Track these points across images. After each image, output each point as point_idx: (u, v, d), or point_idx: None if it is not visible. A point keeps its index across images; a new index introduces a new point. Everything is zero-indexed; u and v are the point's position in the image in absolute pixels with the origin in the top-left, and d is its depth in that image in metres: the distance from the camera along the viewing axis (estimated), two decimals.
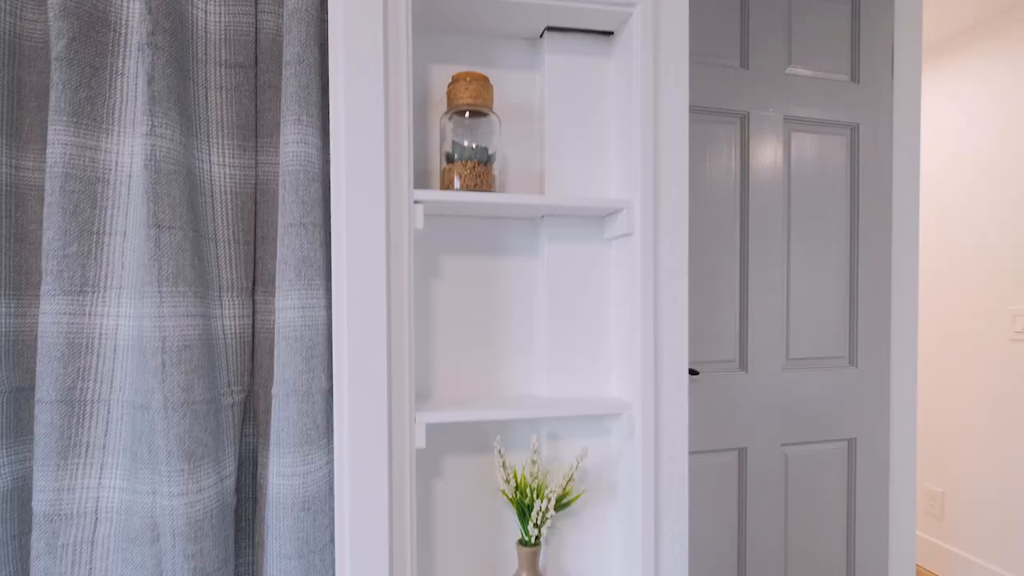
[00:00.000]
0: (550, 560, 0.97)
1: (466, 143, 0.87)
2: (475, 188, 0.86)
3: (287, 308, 0.89)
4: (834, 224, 1.57)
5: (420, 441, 0.82)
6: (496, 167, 0.90)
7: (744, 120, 1.50)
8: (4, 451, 0.90)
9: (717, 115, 1.46)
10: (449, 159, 0.88)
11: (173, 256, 0.84)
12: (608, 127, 0.97)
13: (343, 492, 0.83)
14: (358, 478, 0.82)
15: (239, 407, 0.96)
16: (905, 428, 1.64)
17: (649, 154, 0.87)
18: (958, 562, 2.20)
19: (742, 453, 1.54)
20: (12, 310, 0.92)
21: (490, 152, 0.89)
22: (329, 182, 0.89)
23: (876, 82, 1.59)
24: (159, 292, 0.83)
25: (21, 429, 0.93)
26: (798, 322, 1.56)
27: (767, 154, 1.50)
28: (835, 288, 1.58)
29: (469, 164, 0.86)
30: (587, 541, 0.97)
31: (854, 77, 1.59)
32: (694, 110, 1.44)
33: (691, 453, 1.47)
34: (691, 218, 1.41)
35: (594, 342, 0.98)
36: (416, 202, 0.82)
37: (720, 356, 1.51)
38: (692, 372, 1.44)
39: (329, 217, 0.90)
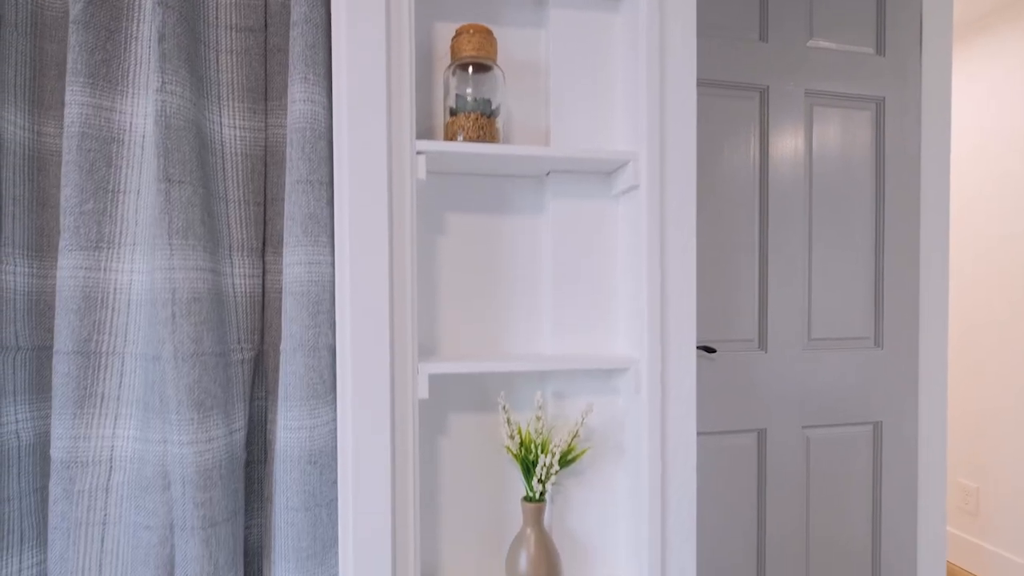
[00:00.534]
0: (555, 519, 0.96)
1: (469, 96, 0.86)
2: (478, 140, 0.86)
3: (294, 264, 0.90)
4: (859, 202, 1.51)
5: (423, 391, 0.82)
6: (500, 121, 0.90)
7: (764, 95, 1.47)
8: (27, 407, 0.93)
9: (735, 89, 1.43)
10: (453, 112, 0.88)
11: (183, 210, 0.86)
12: (614, 83, 0.96)
13: (346, 441, 0.84)
14: (361, 427, 0.82)
15: (249, 364, 0.97)
16: (934, 413, 1.57)
17: (656, 104, 0.86)
18: (993, 560, 2.11)
19: (761, 434, 1.49)
20: (34, 271, 0.95)
21: (494, 105, 0.88)
22: None
23: (903, 54, 1.54)
24: (169, 245, 0.85)
25: (43, 386, 0.96)
26: (820, 301, 1.51)
27: (788, 130, 1.46)
28: (859, 266, 1.52)
29: (472, 116, 0.86)
30: (593, 500, 0.96)
31: (879, 50, 1.53)
32: (711, 84, 1.40)
33: (708, 433, 1.44)
34: (709, 196, 1.38)
35: (601, 301, 0.97)
36: (418, 153, 0.82)
37: (738, 335, 1.47)
38: (709, 350, 1.40)
39: None
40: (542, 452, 0.86)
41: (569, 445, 0.89)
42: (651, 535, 0.87)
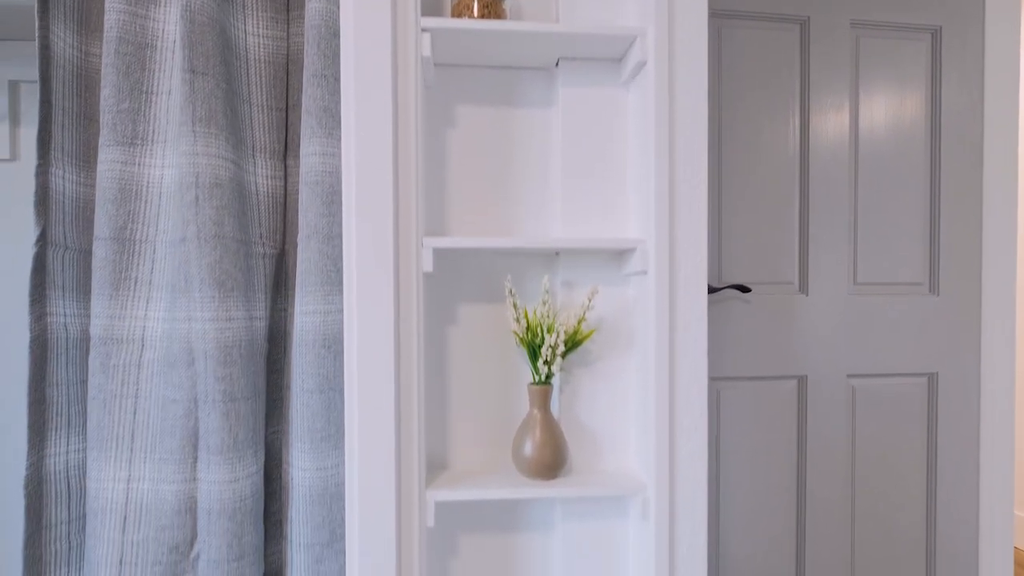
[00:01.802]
0: (564, 410, 0.95)
1: None
2: (485, 18, 0.86)
3: (309, 155, 0.93)
4: (910, 135, 1.40)
5: (427, 265, 0.84)
6: (507, 5, 0.90)
7: (804, 26, 1.39)
8: (75, 304, 1.01)
9: (773, 21, 1.34)
10: None
11: (205, 100, 0.91)
12: None
13: (351, 326, 0.85)
14: (364, 310, 0.84)
15: (271, 260, 1.02)
16: (999, 367, 1.43)
17: None
18: None
19: (801, 382, 1.40)
20: (81, 179, 1.02)
21: None
22: None
23: None
24: (193, 132, 0.90)
25: (89, 287, 1.03)
26: (868, 242, 1.40)
27: (830, 63, 1.38)
28: (912, 203, 1.41)
29: None
30: (602, 390, 0.95)
31: None
32: (743, 16, 1.33)
33: (741, 378, 1.37)
34: (744, 127, 1.32)
35: (611, 191, 0.95)
36: (424, 30, 0.84)
37: (775, 277, 1.38)
38: (743, 289, 1.32)
39: None
40: (548, 333, 0.86)
41: (575, 328, 0.88)
42: (659, 422, 0.85)
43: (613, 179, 0.95)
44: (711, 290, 1.30)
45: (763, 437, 1.37)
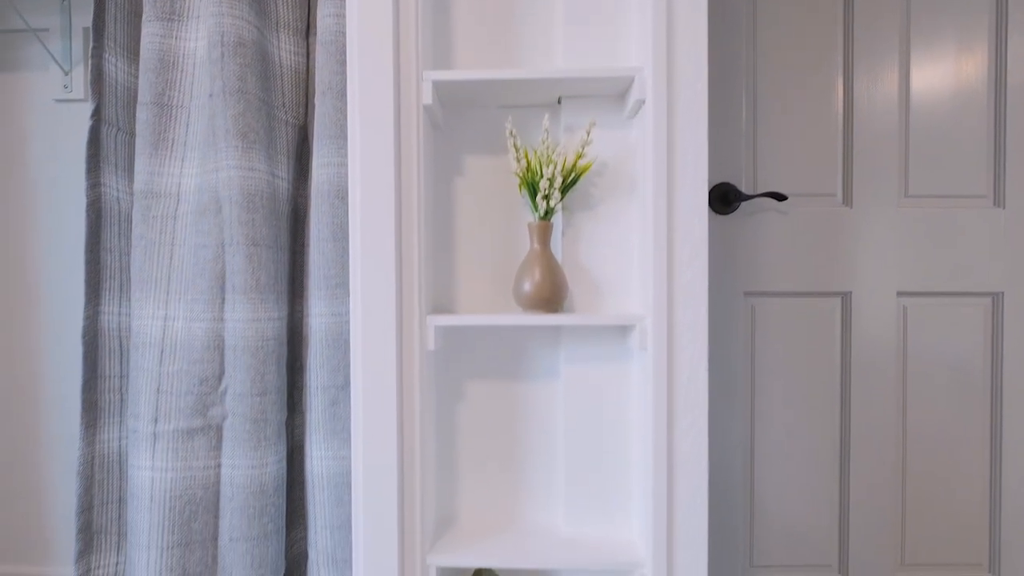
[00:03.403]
0: (566, 252, 0.95)
1: None
2: None
3: (324, 16, 0.99)
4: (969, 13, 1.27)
5: (427, 97, 0.87)
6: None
7: None
8: (127, 182, 1.10)
9: None
10: None
11: None
12: None
13: (355, 176, 0.89)
14: (368, 148, 0.88)
15: (293, 129, 1.08)
16: None
17: None
18: None
19: (845, 299, 1.31)
20: (132, 71, 1.12)
21: None
22: None
23: None
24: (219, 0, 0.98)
25: None
26: (921, 148, 1.29)
27: None
28: (972, 102, 1.28)
29: None
30: (603, 233, 0.94)
31: None
32: None
33: (777, 294, 1.30)
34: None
35: (612, 31, 0.94)
36: None
37: (815, 188, 1.30)
38: (778, 197, 1.25)
39: None
40: (546, 167, 0.87)
41: (574, 162, 0.88)
42: (656, 248, 0.84)
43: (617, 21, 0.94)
44: (744, 197, 1.26)
45: (802, 358, 1.30)
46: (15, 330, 1.35)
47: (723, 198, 1.28)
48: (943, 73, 1.29)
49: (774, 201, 1.28)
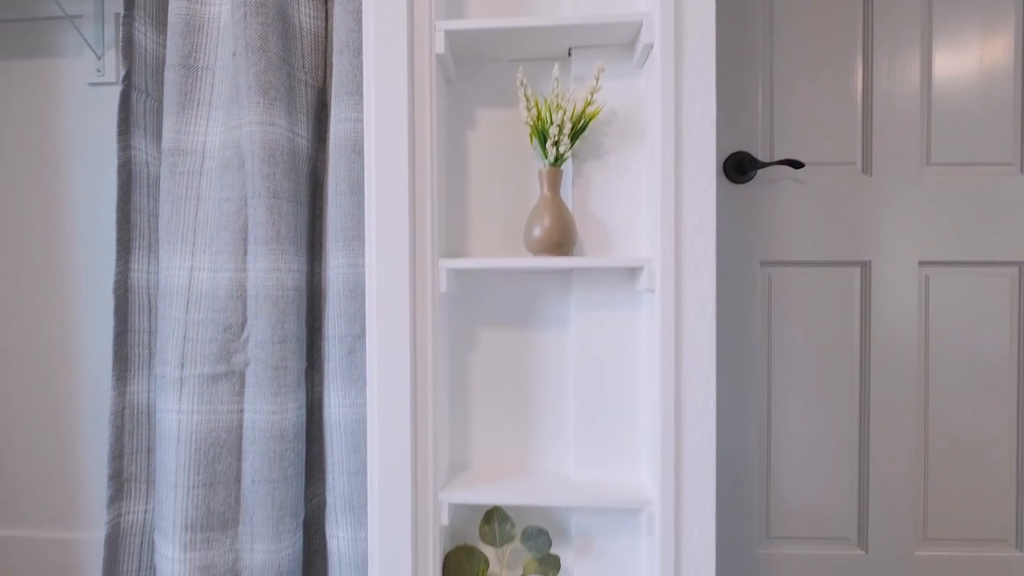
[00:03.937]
0: (577, 201, 0.97)
1: None
2: None
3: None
4: None
5: (439, 47, 0.89)
6: None
7: None
8: (156, 148, 1.15)
9: None
10: None
11: None
12: None
13: (369, 128, 0.92)
14: (382, 105, 0.90)
15: (312, 91, 1.12)
16: None
17: None
18: None
19: (865, 268, 1.30)
20: (161, 41, 1.17)
21: None
22: None
23: None
24: None
25: None
26: (944, 114, 1.27)
27: None
28: (998, 68, 1.25)
29: None
30: (613, 181, 0.96)
31: None
32: None
33: (793, 263, 1.29)
34: None
35: None
36: None
37: (833, 156, 1.29)
38: (795, 164, 1.24)
39: None
40: (555, 112, 0.89)
41: (583, 108, 0.90)
42: (664, 200, 0.85)
43: None
44: (760, 165, 1.26)
45: (820, 328, 1.29)
46: (54, 313, 1.41)
47: (738, 167, 1.28)
48: (967, 38, 1.27)
49: (791, 170, 1.28)
